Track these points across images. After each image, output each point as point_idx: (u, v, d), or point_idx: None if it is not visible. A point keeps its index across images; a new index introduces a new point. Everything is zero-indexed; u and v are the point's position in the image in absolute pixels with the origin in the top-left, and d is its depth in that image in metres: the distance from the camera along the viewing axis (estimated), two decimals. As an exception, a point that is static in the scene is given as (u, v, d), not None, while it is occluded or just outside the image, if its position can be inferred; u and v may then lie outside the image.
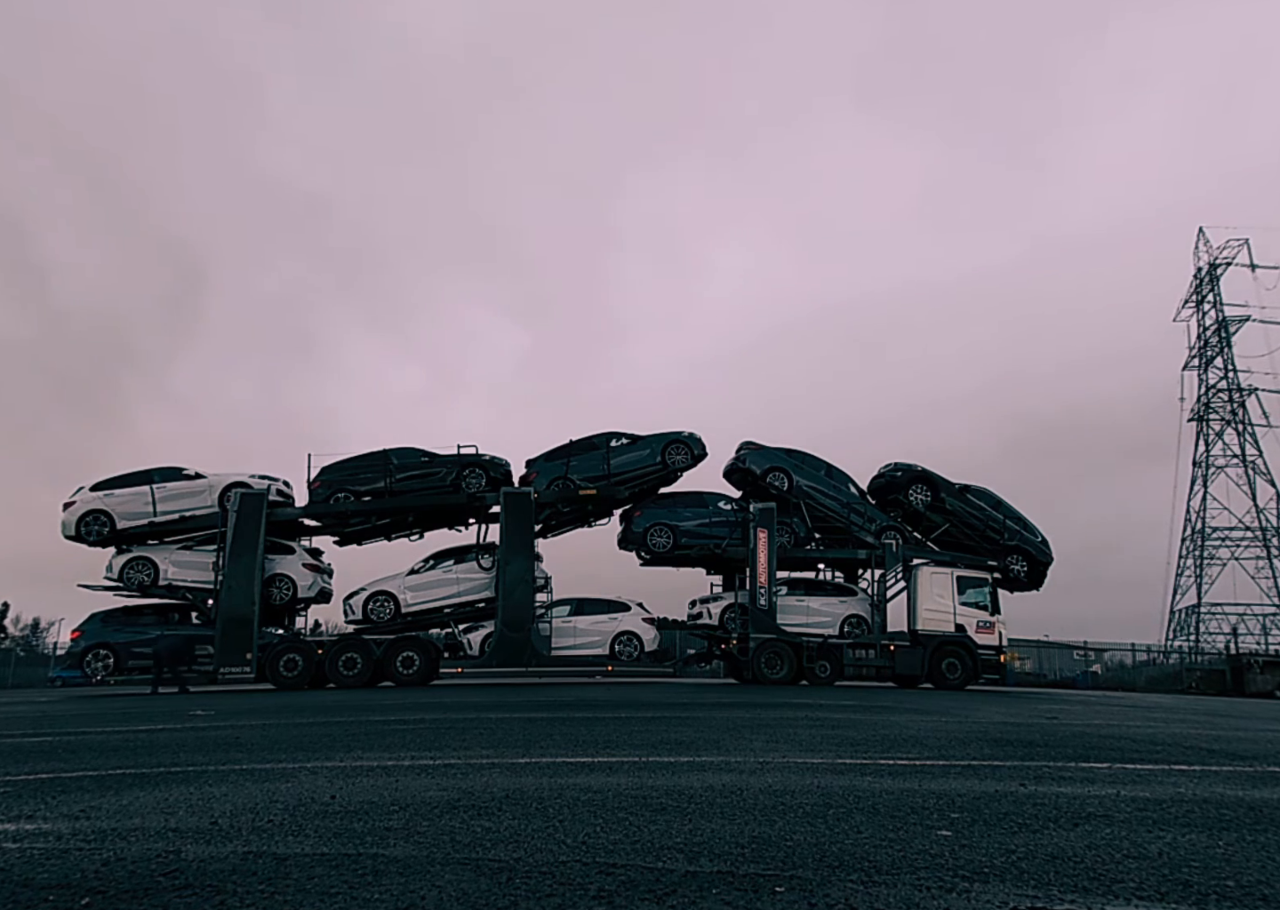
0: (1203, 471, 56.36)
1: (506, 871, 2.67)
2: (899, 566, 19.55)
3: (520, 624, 17.02)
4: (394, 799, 3.92)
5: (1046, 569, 20.54)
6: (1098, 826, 3.46)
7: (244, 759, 5.53)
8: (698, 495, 20.07)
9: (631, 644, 17.79)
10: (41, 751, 6.21)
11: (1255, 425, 55.19)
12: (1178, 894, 2.54)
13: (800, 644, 18.31)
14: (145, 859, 2.83)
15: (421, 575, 17.85)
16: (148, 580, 17.22)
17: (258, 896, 2.41)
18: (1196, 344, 57.44)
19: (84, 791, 4.26)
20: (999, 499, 20.62)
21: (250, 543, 17.02)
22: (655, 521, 19.24)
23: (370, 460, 18.41)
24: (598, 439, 19.40)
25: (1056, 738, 7.23)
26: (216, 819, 3.49)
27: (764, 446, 20.41)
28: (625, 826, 3.33)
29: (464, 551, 18.36)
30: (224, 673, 16.45)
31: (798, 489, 19.72)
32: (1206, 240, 56.73)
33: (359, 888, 2.48)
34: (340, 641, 17.23)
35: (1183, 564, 56.23)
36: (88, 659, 16.48)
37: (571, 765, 5.15)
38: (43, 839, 3.15)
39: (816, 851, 2.96)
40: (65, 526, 17.31)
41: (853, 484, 20.42)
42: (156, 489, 17.58)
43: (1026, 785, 4.49)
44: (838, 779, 4.63)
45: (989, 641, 18.57)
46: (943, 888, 2.54)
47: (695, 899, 2.39)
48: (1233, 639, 43.24)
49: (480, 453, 18.74)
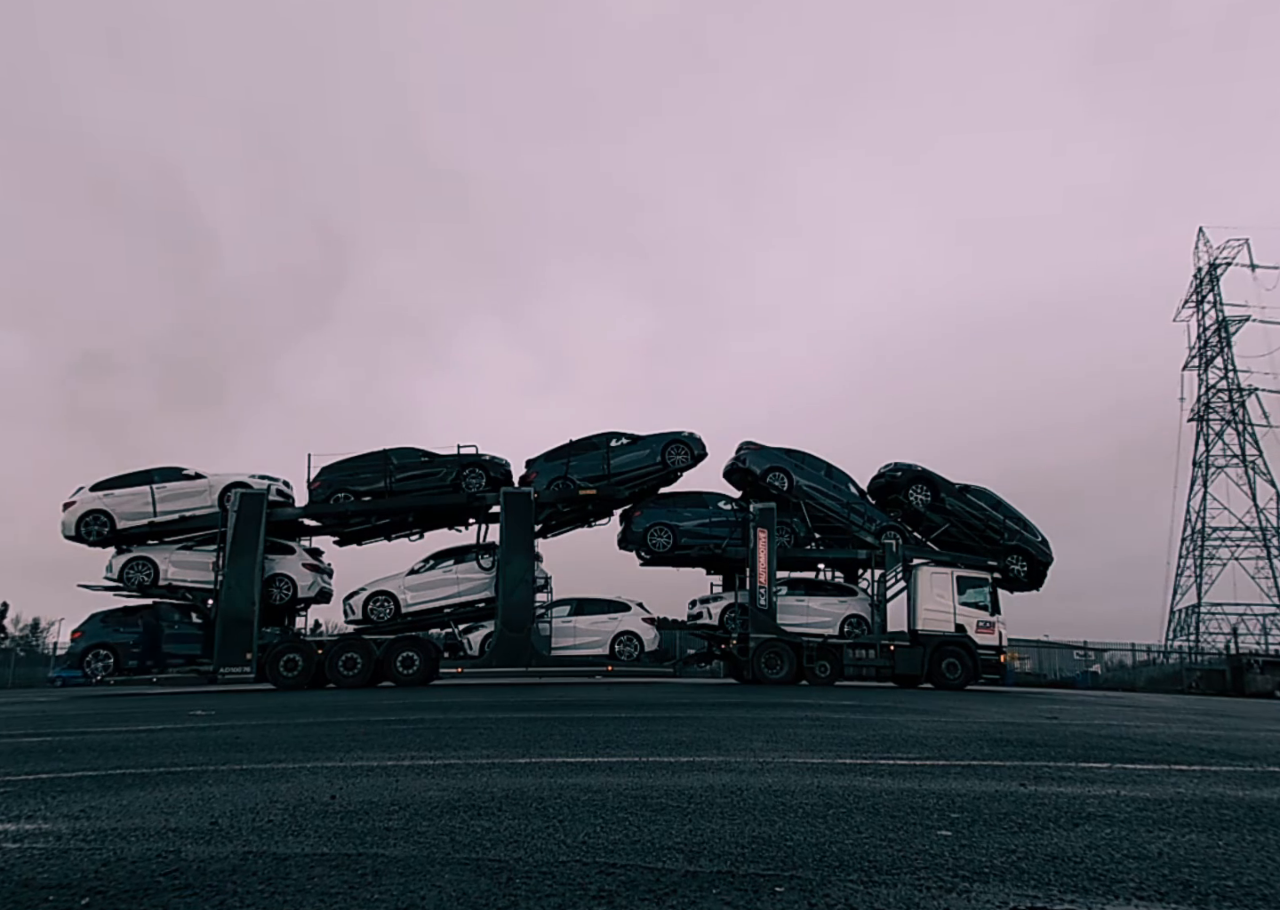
0: (1203, 471, 56.40)
1: (506, 871, 2.67)
2: (899, 566, 19.55)
3: (520, 624, 17.02)
4: (394, 799, 3.92)
5: (1047, 569, 20.54)
6: (1098, 826, 3.46)
7: (244, 759, 5.53)
8: (698, 495, 20.07)
9: (632, 644, 17.79)
10: (41, 751, 6.21)
11: (1255, 425, 55.30)
12: (1178, 894, 2.54)
13: (800, 644, 18.31)
14: (145, 859, 2.83)
15: (422, 575, 17.85)
16: (148, 580, 17.21)
17: (258, 896, 2.41)
18: (1196, 344, 57.52)
19: (84, 791, 4.26)
20: (999, 499, 20.62)
21: (250, 543, 17.01)
22: (655, 521, 19.24)
23: (370, 460, 18.40)
24: (598, 439, 19.41)
25: (1056, 738, 7.22)
26: (216, 819, 3.49)
27: (764, 446, 20.43)
28: (625, 826, 3.33)
29: (464, 551, 18.35)
30: (224, 673, 16.45)
31: (798, 489, 19.72)
32: (1206, 240, 56.80)
33: (359, 888, 2.48)
34: (340, 641, 17.22)
35: (1183, 564, 56.31)
36: (88, 659, 16.48)
37: (571, 765, 5.15)
38: (43, 839, 3.15)
39: (816, 851, 2.96)
40: (65, 526, 17.30)
41: (853, 484, 20.43)
42: (156, 489, 17.57)
43: (1026, 785, 4.49)
44: (838, 779, 4.63)
45: (989, 641, 18.57)
46: (943, 888, 2.54)
47: (695, 899, 2.39)
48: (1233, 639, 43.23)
49: (480, 453, 18.74)
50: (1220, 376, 56.46)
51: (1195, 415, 57.17)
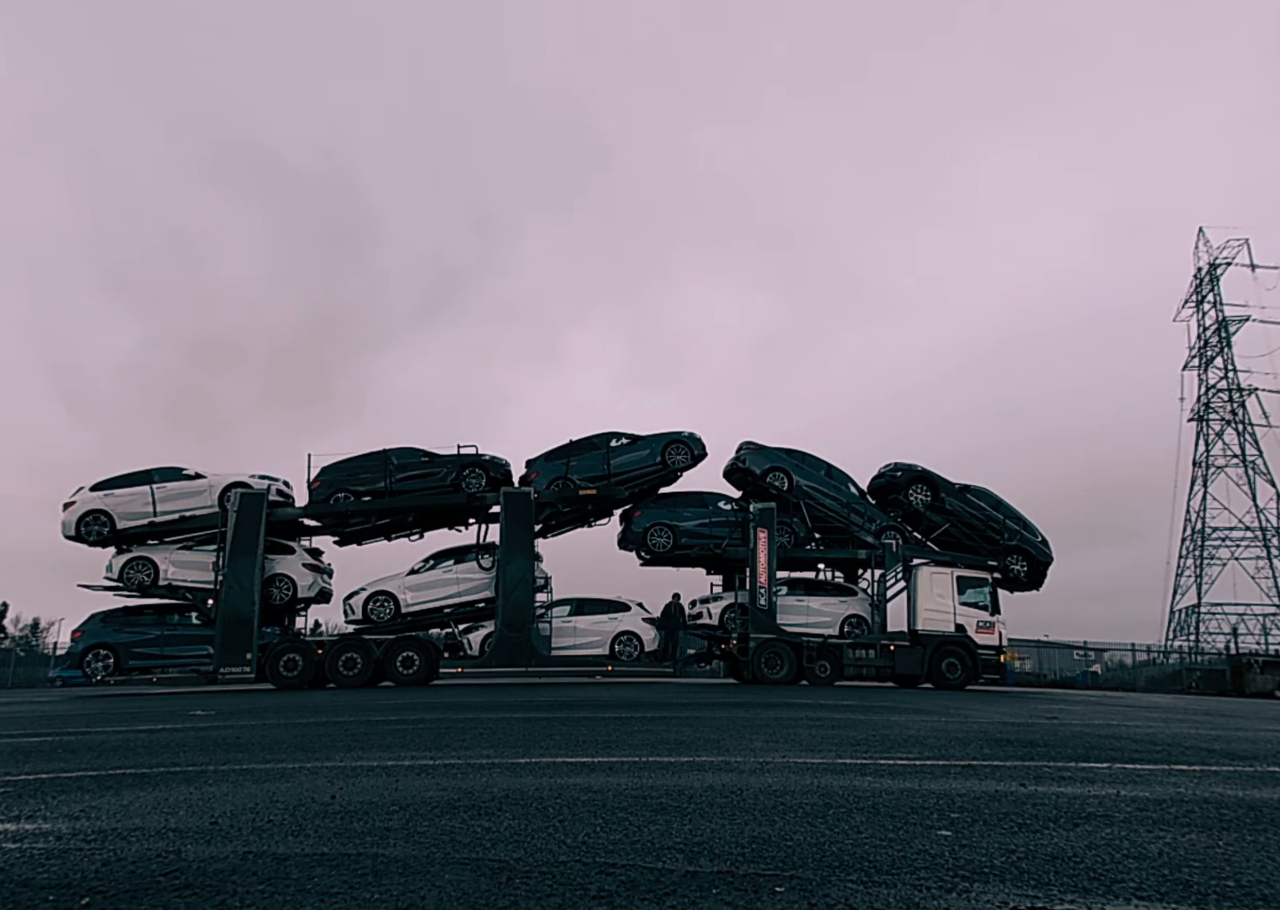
0: (1203, 471, 56.40)
1: (506, 871, 2.67)
2: (899, 566, 19.55)
3: (520, 624, 17.02)
4: (394, 799, 3.92)
5: (1047, 569, 20.54)
6: (1098, 826, 3.46)
7: (244, 759, 5.53)
8: (698, 495, 20.08)
9: (632, 644, 17.79)
10: (41, 751, 6.21)
11: (1255, 425, 55.28)
12: (1178, 894, 2.54)
13: (800, 644, 18.31)
14: (145, 859, 2.83)
15: (421, 575, 17.85)
16: (148, 580, 17.21)
17: (258, 896, 2.41)
18: (1196, 344, 57.51)
19: (84, 791, 4.26)
20: (999, 499, 20.63)
21: (250, 543, 17.01)
22: (655, 521, 19.24)
23: (370, 460, 18.40)
24: (598, 439, 19.42)
25: (1056, 738, 7.22)
26: (216, 819, 3.49)
27: (764, 446, 20.44)
28: (625, 826, 3.33)
29: (464, 551, 18.35)
30: (224, 673, 16.45)
31: (798, 489, 19.73)
32: (1206, 240, 56.80)
33: (359, 888, 2.48)
34: (340, 641, 17.22)
35: (1183, 564, 56.30)
36: (88, 659, 16.47)
37: (571, 765, 5.15)
38: (43, 839, 3.15)
39: (816, 851, 2.96)
40: (65, 526, 17.30)
41: (853, 484, 20.44)
42: (156, 489, 17.57)
43: (1026, 785, 4.49)
44: (838, 779, 4.63)
45: (989, 641, 18.57)
46: (943, 888, 2.54)
47: (695, 899, 2.39)
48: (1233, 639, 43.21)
49: (480, 453, 18.75)
50: (1220, 376, 56.49)
51: (1195, 415, 57.19)
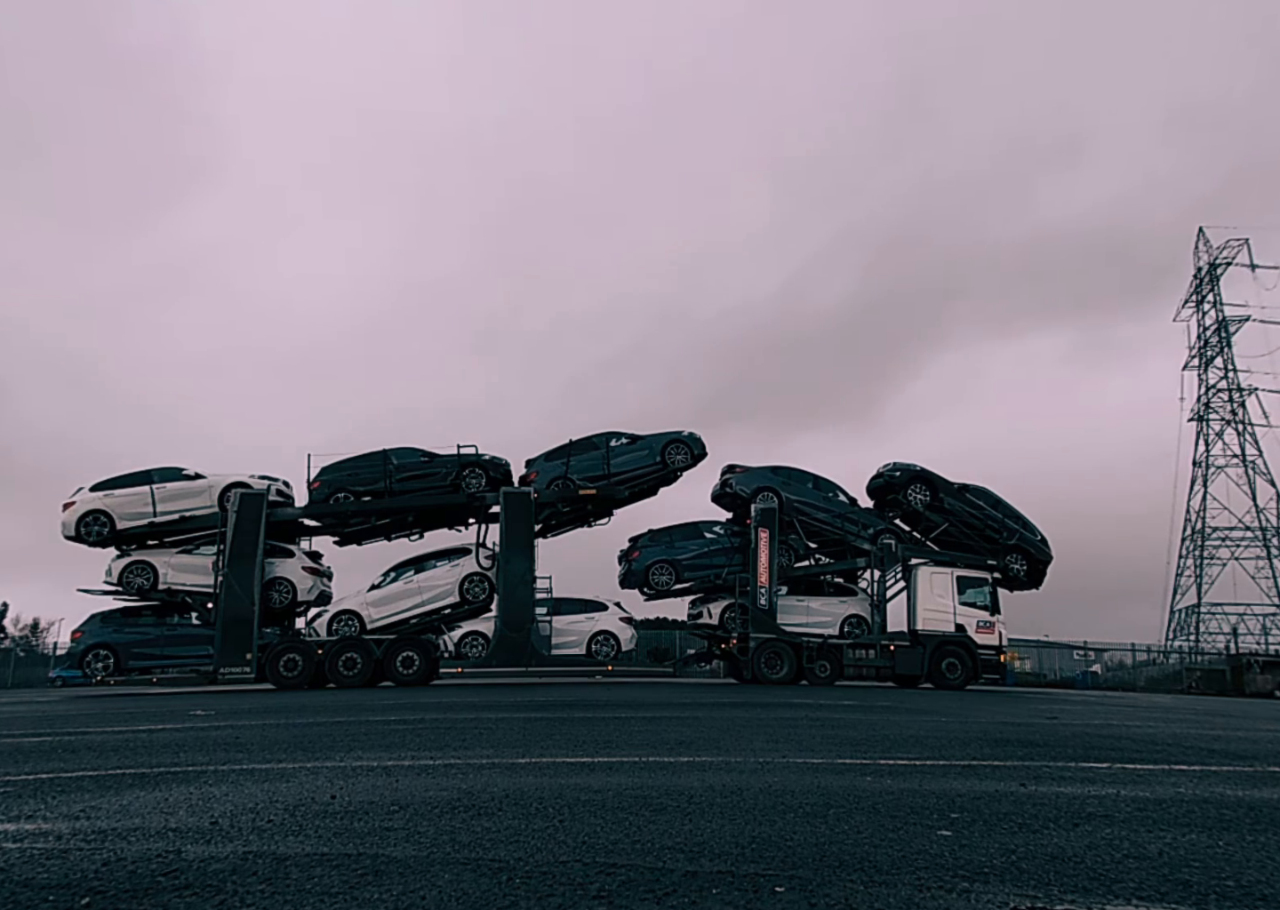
0: (1203, 471, 56.41)
1: (506, 871, 2.66)
2: (898, 566, 19.56)
3: (520, 624, 17.01)
4: (394, 799, 3.92)
5: (1046, 568, 20.55)
6: (1098, 826, 3.46)
7: (244, 759, 5.53)
8: (693, 526, 20.11)
9: (608, 643, 17.74)
10: (41, 751, 6.21)
11: (1255, 425, 55.28)
12: (1178, 894, 2.54)
13: (800, 644, 18.32)
14: (145, 859, 2.83)
15: (383, 589, 17.61)
16: (147, 584, 17.18)
17: (258, 896, 2.41)
18: (1196, 344, 57.52)
19: (84, 791, 4.25)
20: (998, 498, 20.62)
21: (250, 543, 17.00)
22: (655, 560, 19.23)
23: (370, 460, 18.37)
24: (598, 439, 19.42)
25: (1056, 738, 7.22)
26: (216, 819, 3.49)
27: (749, 468, 20.36)
28: (625, 826, 3.33)
29: (422, 560, 18.25)
30: (224, 673, 16.46)
31: (788, 506, 19.61)
32: (1206, 240, 56.79)
33: (359, 888, 2.48)
34: (340, 642, 17.18)
35: (1183, 564, 56.31)
36: (88, 659, 16.46)
37: (571, 765, 5.15)
38: (43, 839, 3.15)
39: (816, 851, 2.96)
40: (65, 527, 17.27)
41: (841, 492, 20.40)
42: (156, 489, 17.55)
43: (1026, 785, 4.49)
44: (838, 779, 4.62)
45: (989, 641, 18.58)
46: (943, 888, 2.54)
47: (695, 899, 2.39)
48: (1233, 639, 43.26)
49: (480, 452, 18.74)
50: (1220, 376, 56.51)
51: (1195, 415, 57.20)
